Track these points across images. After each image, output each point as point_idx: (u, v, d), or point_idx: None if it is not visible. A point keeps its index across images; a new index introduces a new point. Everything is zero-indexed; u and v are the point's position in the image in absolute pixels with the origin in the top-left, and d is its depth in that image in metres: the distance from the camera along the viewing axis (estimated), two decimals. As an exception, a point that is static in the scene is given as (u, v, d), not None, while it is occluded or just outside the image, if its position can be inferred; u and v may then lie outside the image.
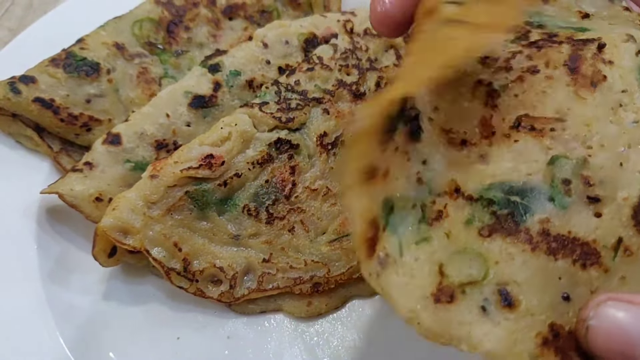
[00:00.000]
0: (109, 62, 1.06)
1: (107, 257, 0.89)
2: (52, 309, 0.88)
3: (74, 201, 0.92)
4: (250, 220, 0.92)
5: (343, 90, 1.00)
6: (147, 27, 1.11)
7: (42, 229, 0.96)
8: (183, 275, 0.89)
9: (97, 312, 0.91)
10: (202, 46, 1.14)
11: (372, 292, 0.93)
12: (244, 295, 0.90)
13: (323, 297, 0.92)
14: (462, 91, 0.60)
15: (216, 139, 0.92)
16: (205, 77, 1.01)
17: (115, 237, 0.86)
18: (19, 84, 0.99)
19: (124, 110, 1.06)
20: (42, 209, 0.98)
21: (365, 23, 1.12)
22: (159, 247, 0.88)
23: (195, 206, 0.90)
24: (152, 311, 0.92)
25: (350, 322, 0.91)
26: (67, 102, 1.01)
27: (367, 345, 0.89)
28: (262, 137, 0.94)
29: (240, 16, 1.18)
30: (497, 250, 0.53)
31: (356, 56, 1.05)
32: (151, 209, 0.88)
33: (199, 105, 0.99)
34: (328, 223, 0.94)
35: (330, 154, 0.96)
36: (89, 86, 1.03)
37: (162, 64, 1.10)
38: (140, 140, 0.97)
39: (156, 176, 0.88)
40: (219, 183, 0.91)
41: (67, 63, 1.03)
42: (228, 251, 0.91)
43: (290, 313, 0.92)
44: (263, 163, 0.93)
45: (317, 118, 0.97)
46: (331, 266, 0.92)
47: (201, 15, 1.15)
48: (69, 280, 0.93)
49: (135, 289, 0.94)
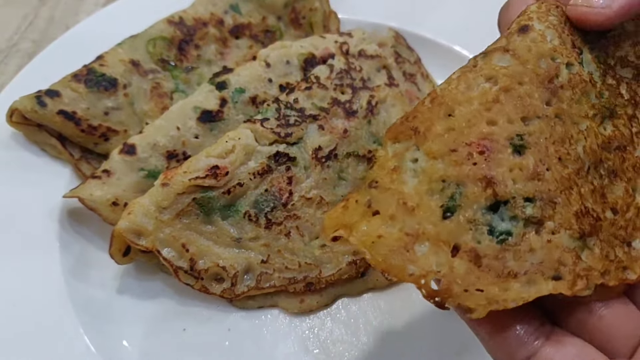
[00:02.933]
0: (125, 78, 1.10)
1: (122, 256, 0.92)
2: (72, 301, 0.91)
3: (93, 205, 0.95)
4: (251, 225, 0.95)
5: (337, 108, 1.04)
6: (161, 45, 1.16)
7: (64, 229, 0.99)
8: (190, 273, 0.92)
9: (113, 305, 0.95)
10: (211, 63, 1.19)
11: (359, 292, 0.98)
12: (243, 292, 0.94)
13: (315, 295, 0.96)
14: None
15: (221, 151, 0.95)
16: (212, 94, 1.05)
17: (129, 238, 0.89)
18: (44, 97, 1.03)
19: (139, 122, 1.10)
20: (64, 212, 1.01)
21: (360, 45, 1.17)
22: (168, 247, 0.91)
23: (201, 211, 0.93)
24: (161, 305, 0.96)
25: (338, 318, 0.95)
26: (87, 115, 1.05)
27: (353, 339, 0.92)
28: (263, 150, 0.97)
29: (246, 35, 1.23)
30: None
31: (350, 76, 1.10)
32: (162, 214, 0.91)
33: (206, 120, 1.03)
34: (321, 229, 0.98)
35: (324, 166, 1.00)
36: (107, 100, 1.07)
37: (174, 79, 1.15)
38: (153, 151, 1.00)
39: (167, 184, 0.91)
40: (223, 191, 0.93)
41: (88, 79, 1.07)
42: (230, 252, 0.94)
43: (285, 309, 0.95)
44: (263, 174, 0.96)
45: (313, 133, 1.01)
46: (322, 268, 0.96)
47: (210, 34, 1.20)
48: (88, 276, 0.97)
49: (147, 284, 0.98)
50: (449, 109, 0.61)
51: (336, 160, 1.02)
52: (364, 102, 1.07)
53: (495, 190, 0.58)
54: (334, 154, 1.02)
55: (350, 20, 1.33)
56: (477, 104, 0.61)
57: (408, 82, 1.19)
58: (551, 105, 0.62)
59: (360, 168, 1.03)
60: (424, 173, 0.58)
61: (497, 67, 0.62)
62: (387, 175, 0.59)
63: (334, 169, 1.02)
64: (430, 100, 0.62)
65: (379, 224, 0.56)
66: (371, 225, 0.56)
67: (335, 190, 1.01)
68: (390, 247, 0.55)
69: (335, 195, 1.01)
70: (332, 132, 1.02)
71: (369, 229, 0.55)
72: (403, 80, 1.18)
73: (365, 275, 0.99)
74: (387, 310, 0.97)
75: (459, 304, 0.55)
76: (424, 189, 0.58)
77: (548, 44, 0.65)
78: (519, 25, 0.66)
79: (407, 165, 0.59)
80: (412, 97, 1.16)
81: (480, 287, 0.55)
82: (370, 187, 0.58)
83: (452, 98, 0.61)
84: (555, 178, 0.60)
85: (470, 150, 0.59)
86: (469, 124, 0.60)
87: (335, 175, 1.02)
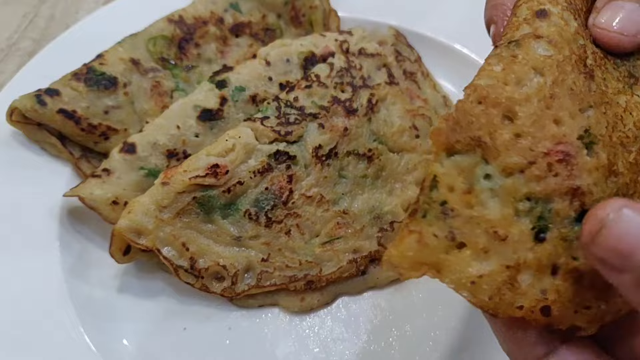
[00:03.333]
0: (125, 77, 1.10)
1: (122, 255, 0.93)
2: (72, 300, 0.91)
3: (93, 204, 0.96)
4: (251, 223, 0.96)
5: (337, 106, 1.04)
6: (161, 44, 1.16)
7: (64, 228, 0.99)
8: (190, 272, 0.92)
9: (113, 304, 0.95)
10: (211, 61, 1.19)
11: (360, 290, 0.98)
12: (244, 291, 0.94)
13: (315, 294, 0.96)
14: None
15: (221, 150, 0.95)
16: (212, 92, 1.05)
17: (129, 237, 0.89)
18: (44, 96, 1.03)
19: (139, 120, 1.10)
20: (64, 210, 1.01)
21: (360, 43, 1.18)
22: (168, 246, 0.92)
23: (201, 210, 0.94)
24: (161, 304, 0.96)
25: (339, 317, 0.95)
26: (87, 113, 1.05)
27: (353, 338, 0.92)
28: (263, 149, 0.98)
29: (246, 34, 1.23)
30: None
31: (350, 74, 1.10)
32: (162, 213, 0.91)
33: (206, 118, 1.03)
34: (321, 227, 0.98)
35: (324, 165, 1.00)
36: (107, 99, 1.07)
37: (174, 78, 1.15)
38: (153, 150, 1.00)
39: (167, 183, 0.92)
40: (224, 190, 0.94)
41: (87, 77, 1.07)
42: (230, 251, 0.95)
43: (286, 307, 0.96)
44: (263, 172, 0.97)
45: (313, 132, 1.01)
46: (323, 266, 0.96)
47: (210, 33, 1.20)
48: (88, 275, 0.97)
49: (147, 283, 0.98)
50: (507, 110, 0.55)
51: (336, 159, 1.02)
52: (364, 101, 1.08)
53: (583, 200, 0.54)
54: (334, 153, 1.02)
55: (351, 18, 1.33)
56: (536, 101, 0.56)
57: (408, 80, 1.19)
58: (592, 90, 0.59)
59: (360, 166, 1.03)
60: (504, 192, 0.54)
61: (541, 57, 0.58)
62: (461, 198, 0.54)
63: (334, 167, 1.02)
64: (477, 100, 0.56)
65: (472, 259, 0.53)
66: (464, 262, 0.52)
67: (335, 188, 1.01)
68: (494, 285, 0.52)
69: (336, 194, 1.01)
70: (332, 131, 1.03)
71: (463, 267, 0.52)
72: (403, 79, 1.18)
73: (365, 273, 0.99)
74: (388, 309, 0.97)
75: (571, 325, 0.54)
76: (509, 212, 0.54)
77: (571, 27, 0.62)
78: (533, 10, 0.62)
79: (481, 184, 0.54)
80: (413, 96, 1.16)
81: (588, 305, 0.54)
82: (444, 214, 0.53)
83: (508, 97, 0.56)
84: (627, 168, 0.58)
85: (549, 161, 0.54)
86: (536, 127, 0.55)
87: (335, 173, 1.02)
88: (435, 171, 0.54)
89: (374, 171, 1.04)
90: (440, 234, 0.53)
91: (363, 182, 1.03)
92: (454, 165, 0.55)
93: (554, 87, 0.57)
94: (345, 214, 1.00)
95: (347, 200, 1.01)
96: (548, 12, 0.62)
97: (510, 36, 0.61)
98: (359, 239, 1.00)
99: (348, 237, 0.99)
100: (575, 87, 0.58)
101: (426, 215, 0.53)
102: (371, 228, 1.01)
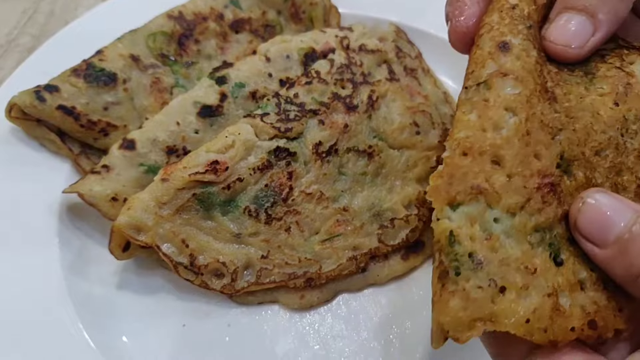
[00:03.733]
0: (125, 73, 1.10)
1: (121, 252, 0.93)
2: (71, 297, 0.91)
3: (93, 200, 0.95)
4: (251, 220, 0.96)
5: (338, 102, 1.04)
6: (160, 40, 1.16)
7: (63, 224, 0.99)
8: (189, 269, 0.92)
9: (112, 301, 0.95)
10: (211, 58, 1.19)
11: (359, 287, 0.98)
12: (243, 288, 0.94)
13: (315, 291, 0.96)
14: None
15: (221, 146, 0.95)
16: (212, 89, 1.05)
17: (129, 234, 0.89)
18: (44, 92, 1.03)
19: (138, 117, 1.10)
20: (63, 207, 1.01)
21: (360, 39, 1.17)
22: (168, 243, 0.92)
23: (201, 207, 0.93)
24: (161, 300, 0.96)
25: (339, 314, 0.95)
26: (86, 110, 1.05)
27: (353, 335, 0.92)
28: (263, 145, 0.97)
29: (246, 30, 1.23)
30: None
31: (351, 71, 1.10)
32: (162, 209, 0.91)
33: (206, 115, 1.03)
34: (321, 224, 0.98)
35: (324, 161, 1.00)
36: (107, 95, 1.07)
37: (174, 74, 1.15)
38: (153, 146, 1.00)
39: (167, 180, 0.92)
40: (223, 187, 0.94)
41: (87, 73, 1.07)
42: (230, 248, 0.94)
43: (285, 304, 0.96)
44: (263, 169, 0.96)
45: (313, 128, 1.01)
46: (323, 263, 0.96)
47: (210, 29, 1.20)
48: (87, 272, 0.97)
49: (146, 280, 0.98)
50: (493, 155, 0.59)
51: (336, 155, 1.02)
52: (365, 97, 1.07)
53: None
54: (334, 149, 1.02)
55: (351, 14, 1.33)
56: (516, 141, 0.60)
57: (409, 76, 1.19)
58: (559, 111, 0.64)
59: (360, 163, 1.03)
60: (515, 231, 0.57)
61: (511, 97, 0.62)
62: (484, 246, 0.56)
63: (334, 164, 1.01)
64: (463, 153, 0.59)
65: (518, 299, 0.54)
66: (513, 304, 0.54)
67: (335, 185, 1.01)
68: (545, 316, 0.54)
69: (335, 191, 1.01)
70: (332, 127, 1.02)
71: (514, 309, 0.54)
72: (404, 75, 1.18)
73: (365, 271, 0.99)
74: (388, 306, 0.97)
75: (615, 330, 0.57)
76: (527, 247, 0.57)
77: (532, 58, 0.65)
78: (496, 42, 0.66)
79: (495, 229, 0.57)
80: (413, 92, 1.15)
81: (620, 306, 0.58)
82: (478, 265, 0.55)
83: (491, 144, 0.60)
84: (605, 175, 0.63)
85: (542, 194, 0.59)
86: (523, 165, 0.59)
87: (335, 170, 1.01)
88: (449, 227, 0.56)
89: (374, 168, 1.04)
90: (483, 284, 0.54)
91: (363, 179, 1.03)
92: (464, 216, 0.57)
93: (527, 124, 0.61)
94: (345, 211, 1.00)
95: (347, 198, 1.01)
96: (510, 45, 0.65)
97: (478, 75, 0.64)
98: (359, 236, 0.99)
99: (348, 235, 0.99)
100: (544, 117, 0.63)
101: (460, 271, 0.55)
102: (371, 225, 1.01)
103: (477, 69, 0.65)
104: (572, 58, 0.71)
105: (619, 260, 0.56)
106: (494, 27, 0.67)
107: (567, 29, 0.70)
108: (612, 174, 0.63)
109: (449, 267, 0.55)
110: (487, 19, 0.69)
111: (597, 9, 0.69)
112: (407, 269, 1.01)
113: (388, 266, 1.00)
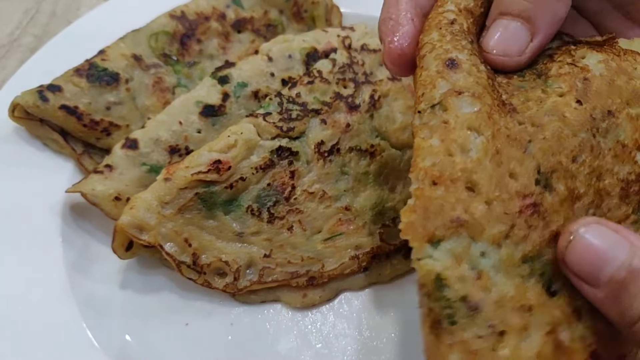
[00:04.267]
0: (127, 72, 1.10)
1: (124, 251, 0.92)
2: (75, 295, 0.91)
3: (96, 200, 0.96)
4: (253, 219, 0.96)
5: (340, 102, 1.04)
6: (163, 40, 1.16)
7: (67, 224, 1.00)
8: (192, 268, 0.92)
9: (115, 299, 0.95)
10: (213, 57, 1.19)
11: (362, 286, 0.98)
12: (246, 287, 0.94)
13: (317, 290, 0.96)
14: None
15: (223, 146, 0.95)
16: (214, 88, 1.06)
17: (132, 233, 0.89)
18: (46, 92, 1.03)
19: (141, 116, 1.10)
20: (67, 206, 1.01)
21: (362, 39, 1.17)
22: (171, 242, 0.91)
23: (204, 206, 0.93)
24: (164, 299, 0.96)
25: (341, 313, 0.95)
26: (89, 109, 1.05)
27: (355, 333, 0.92)
28: (265, 145, 0.98)
29: (248, 29, 1.24)
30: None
31: (353, 70, 1.10)
32: (164, 209, 0.91)
33: (209, 114, 1.04)
34: (323, 223, 0.98)
35: (326, 161, 1.00)
36: (109, 94, 1.08)
37: (176, 74, 1.15)
38: (155, 146, 1.00)
39: (169, 179, 0.92)
40: (226, 186, 0.94)
41: (89, 73, 1.07)
42: (232, 247, 0.94)
43: (288, 303, 0.95)
44: (265, 168, 0.97)
45: (316, 128, 1.01)
46: (325, 262, 0.96)
47: (212, 28, 1.20)
48: (91, 271, 0.97)
49: (149, 279, 0.98)
50: (466, 181, 0.54)
51: (338, 155, 1.02)
52: (367, 96, 1.07)
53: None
54: (337, 148, 1.02)
55: (353, 14, 1.33)
56: (488, 162, 0.55)
57: (410, 76, 1.18)
58: (523, 122, 0.60)
59: (362, 162, 1.03)
60: (504, 265, 0.53)
61: (470, 115, 0.58)
62: (476, 287, 0.51)
63: (336, 163, 1.02)
64: (432, 182, 0.54)
65: (519, 342, 0.51)
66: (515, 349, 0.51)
67: (337, 184, 1.01)
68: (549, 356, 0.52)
69: (338, 190, 1.01)
70: (334, 127, 1.02)
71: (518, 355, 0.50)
72: (405, 75, 1.18)
73: (367, 269, 0.99)
74: (390, 305, 0.96)
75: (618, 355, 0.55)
76: (518, 281, 0.53)
77: (483, 72, 0.63)
78: (442, 60, 0.62)
79: (483, 264, 0.53)
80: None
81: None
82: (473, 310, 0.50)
83: (461, 168, 0.55)
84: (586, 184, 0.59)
85: (525, 218, 0.54)
86: (499, 188, 0.54)
87: (337, 169, 1.02)
88: (433, 269, 0.51)
89: (376, 167, 1.04)
90: (482, 332, 0.50)
91: (365, 179, 1.03)
92: (448, 254, 0.52)
93: (495, 142, 0.57)
94: (347, 210, 1.00)
95: (349, 197, 1.01)
96: (458, 61, 0.61)
97: (430, 97, 0.60)
98: (361, 235, 0.99)
99: (350, 234, 0.99)
100: (509, 132, 0.58)
101: (455, 320, 0.51)
102: (373, 224, 1.01)
103: (427, 91, 0.61)
104: (513, 67, 0.67)
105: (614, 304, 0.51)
106: (436, 45, 0.64)
107: (503, 37, 0.66)
108: (594, 179, 0.60)
109: (441, 316, 0.51)
110: (426, 38, 0.65)
111: (533, 12, 0.65)
112: (409, 268, 1.00)
113: (390, 265, 1.00)
